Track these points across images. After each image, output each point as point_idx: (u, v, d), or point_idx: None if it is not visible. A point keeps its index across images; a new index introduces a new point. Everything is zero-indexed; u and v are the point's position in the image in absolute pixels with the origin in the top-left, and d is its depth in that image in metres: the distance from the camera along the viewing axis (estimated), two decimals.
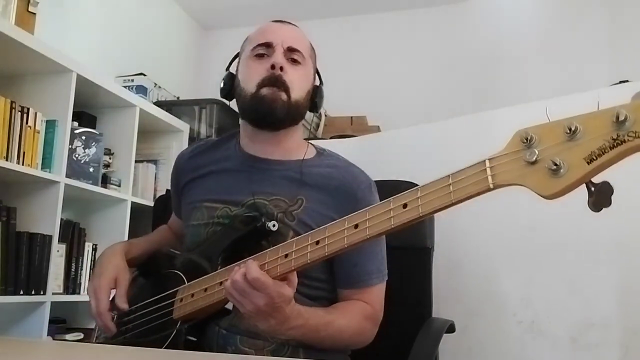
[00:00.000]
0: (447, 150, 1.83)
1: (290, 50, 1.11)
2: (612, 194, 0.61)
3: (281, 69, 1.07)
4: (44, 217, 2.05)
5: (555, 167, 0.60)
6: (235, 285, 0.86)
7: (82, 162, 2.30)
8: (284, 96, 1.07)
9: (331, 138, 2.87)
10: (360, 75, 3.68)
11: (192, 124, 3.11)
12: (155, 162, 2.84)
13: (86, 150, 2.32)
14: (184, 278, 1.03)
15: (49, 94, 2.14)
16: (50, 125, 2.11)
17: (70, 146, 2.20)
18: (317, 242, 0.83)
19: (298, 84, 1.10)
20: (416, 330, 1.14)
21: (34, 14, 2.17)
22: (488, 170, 0.66)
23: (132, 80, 3.02)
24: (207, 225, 1.11)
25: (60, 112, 2.13)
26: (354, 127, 3.21)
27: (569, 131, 0.60)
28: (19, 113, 1.98)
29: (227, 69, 1.20)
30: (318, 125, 3.29)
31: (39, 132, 2.06)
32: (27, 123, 2.00)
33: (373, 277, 1.08)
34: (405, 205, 0.73)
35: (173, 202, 1.30)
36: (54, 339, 2.11)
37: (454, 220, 1.45)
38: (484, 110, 1.88)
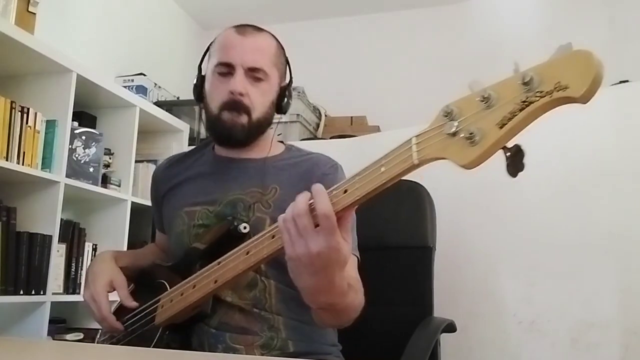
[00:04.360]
0: None
1: (251, 70, 1.11)
2: (524, 156, 0.61)
3: (241, 94, 1.09)
4: (44, 217, 2.05)
5: (470, 135, 0.61)
6: (298, 219, 0.76)
7: (82, 162, 2.30)
8: (244, 119, 1.10)
9: (331, 138, 2.87)
10: (360, 75, 3.68)
11: (192, 124, 3.11)
12: (155, 162, 2.84)
13: (86, 150, 2.32)
14: (168, 286, 1.04)
15: (49, 94, 2.14)
16: (50, 125, 2.11)
17: (70, 146, 2.19)
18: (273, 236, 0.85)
19: (260, 102, 1.12)
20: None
21: (34, 14, 2.17)
22: (414, 147, 0.68)
23: (132, 80, 3.02)
24: (189, 229, 1.13)
25: (60, 112, 2.12)
26: (354, 127, 3.20)
27: (482, 99, 0.62)
28: (19, 113, 1.98)
29: (200, 65, 1.20)
30: (318, 125, 3.29)
31: (39, 132, 2.05)
32: (27, 123, 2.00)
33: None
34: (345, 191, 0.75)
35: (155, 217, 1.32)
36: (54, 339, 2.11)
37: (454, 220, 1.45)
38: None
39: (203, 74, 1.19)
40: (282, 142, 1.26)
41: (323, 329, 1.08)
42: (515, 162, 0.61)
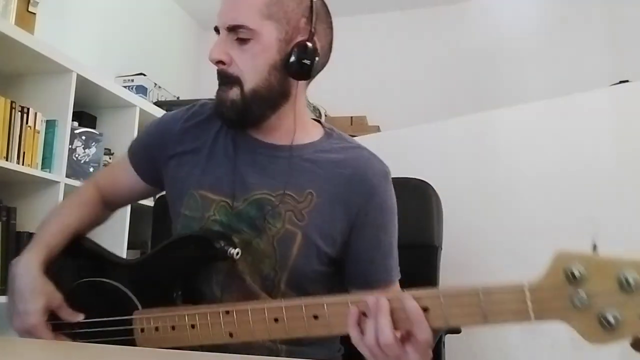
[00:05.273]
0: (447, 150, 1.83)
1: (231, 29, 0.91)
2: None
3: (221, 62, 0.92)
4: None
5: (607, 322, 0.58)
6: (388, 350, 0.70)
7: (82, 162, 2.30)
8: (234, 93, 0.91)
9: None
10: (360, 75, 3.68)
11: None
12: None
13: (86, 150, 2.32)
14: (136, 301, 0.90)
15: (49, 94, 2.14)
16: (50, 125, 2.11)
17: (70, 146, 2.19)
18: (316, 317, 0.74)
19: (251, 67, 0.91)
20: None
21: (34, 14, 2.17)
22: (529, 303, 0.64)
23: (132, 80, 3.02)
24: (202, 220, 0.96)
25: (60, 112, 2.13)
26: (354, 127, 3.21)
27: (624, 282, 0.58)
28: (19, 113, 1.98)
29: None
30: None
31: (39, 132, 2.05)
32: (27, 123, 2.00)
33: (393, 274, 0.96)
34: (426, 309, 0.70)
35: (138, 158, 1.10)
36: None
37: (454, 220, 1.45)
38: (483, 110, 1.88)
39: None
40: (318, 121, 1.05)
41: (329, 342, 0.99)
42: None
